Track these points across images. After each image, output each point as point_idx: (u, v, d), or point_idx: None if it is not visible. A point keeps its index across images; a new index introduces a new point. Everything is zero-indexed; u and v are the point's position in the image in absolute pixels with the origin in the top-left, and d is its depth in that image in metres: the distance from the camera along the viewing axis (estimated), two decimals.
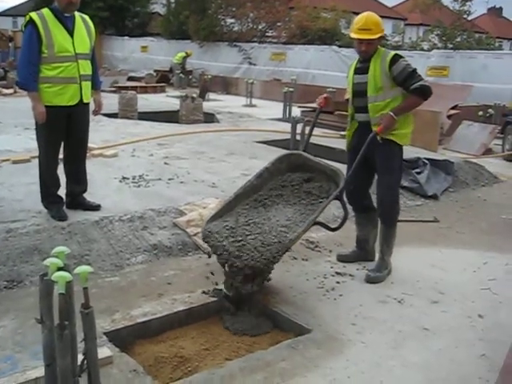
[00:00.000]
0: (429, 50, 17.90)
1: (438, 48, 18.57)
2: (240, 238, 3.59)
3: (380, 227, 4.37)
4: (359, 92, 4.18)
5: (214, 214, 3.94)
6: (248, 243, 3.55)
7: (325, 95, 4.41)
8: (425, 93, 4.02)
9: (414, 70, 4.04)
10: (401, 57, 4.08)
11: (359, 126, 4.29)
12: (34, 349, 2.97)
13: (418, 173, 6.95)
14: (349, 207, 4.76)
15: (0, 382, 2.73)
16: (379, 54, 4.11)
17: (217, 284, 3.97)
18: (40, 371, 2.49)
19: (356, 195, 4.48)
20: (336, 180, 4.01)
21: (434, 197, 6.69)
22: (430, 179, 6.91)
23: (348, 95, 4.35)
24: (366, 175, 4.38)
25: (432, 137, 9.14)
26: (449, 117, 10.87)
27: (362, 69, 4.18)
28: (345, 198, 4.15)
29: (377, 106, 4.10)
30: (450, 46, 19.35)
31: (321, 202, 3.92)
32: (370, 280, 4.23)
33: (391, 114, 4.01)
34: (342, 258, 4.61)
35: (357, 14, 4.31)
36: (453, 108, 11.20)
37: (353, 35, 4.11)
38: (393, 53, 4.13)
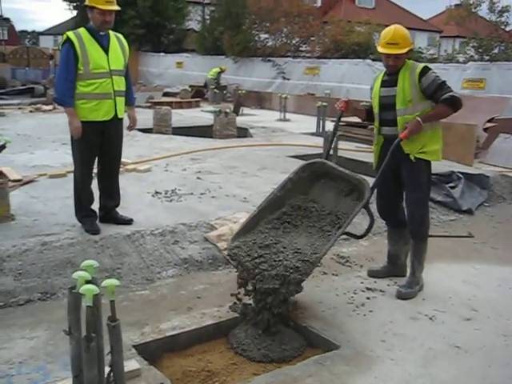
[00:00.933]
0: (465, 63, 17.65)
1: (475, 60, 18.31)
2: (255, 267, 3.58)
3: (410, 243, 4.32)
4: (387, 105, 4.15)
5: (238, 230, 3.93)
6: (259, 274, 3.54)
7: (345, 99, 4.35)
8: (455, 104, 3.98)
9: (444, 82, 4.03)
10: (430, 69, 4.06)
11: (386, 141, 4.24)
12: (65, 360, 3.01)
13: (452, 187, 6.86)
14: (382, 221, 4.76)
15: None
16: (407, 67, 4.09)
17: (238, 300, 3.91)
18: (70, 382, 2.53)
19: (388, 210, 4.46)
20: (361, 189, 3.94)
21: (469, 211, 6.58)
22: (465, 193, 6.80)
23: (374, 109, 4.31)
24: (397, 189, 4.34)
25: (467, 150, 8.99)
26: (485, 130, 10.67)
27: (389, 81, 4.16)
28: (376, 212, 4.11)
29: (406, 119, 4.06)
30: (487, 57, 19.03)
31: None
32: (401, 296, 4.18)
33: (418, 119, 3.96)
34: (373, 274, 4.57)
35: None
36: (489, 121, 10.99)
37: (380, 49, 4.09)
38: (422, 65, 4.11)
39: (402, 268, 4.53)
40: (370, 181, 4.15)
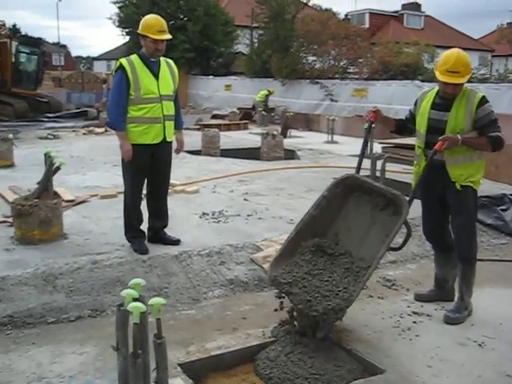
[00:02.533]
0: None
1: None
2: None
3: (458, 267, 4.24)
4: (436, 129, 4.04)
5: (277, 256, 3.91)
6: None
7: (373, 109, 4.21)
8: (497, 144, 3.92)
9: (496, 120, 3.95)
10: (487, 101, 3.97)
11: (433, 165, 4.09)
12: (112, 375, 3.08)
13: (504, 210, 6.68)
14: (429, 244, 4.69)
15: None
16: (464, 94, 3.98)
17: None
18: None
19: (435, 234, 4.41)
20: (397, 203, 3.81)
21: None
22: None
23: (419, 128, 4.20)
24: (443, 213, 4.28)
25: None
26: None
27: (442, 105, 4.04)
28: (422, 235, 4.05)
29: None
30: None
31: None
32: (448, 321, 4.10)
33: (459, 137, 3.86)
34: (420, 298, 4.50)
35: (441, 47, 4.15)
36: None
37: (439, 77, 3.92)
38: (481, 94, 3.99)
39: (449, 292, 4.44)
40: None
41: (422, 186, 4.11)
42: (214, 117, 20.68)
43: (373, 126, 4.35)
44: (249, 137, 15.48)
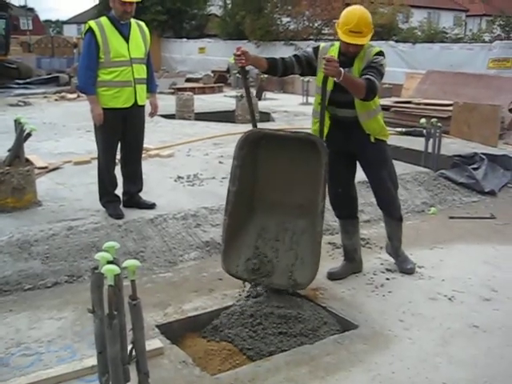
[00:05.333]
0: (491, 42, 17.32)
1: (501, 39, 17.94)
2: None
3: (387, 223, 4.34)
4: (341, 86, 3.65)
5: (223, 249, 3.77)
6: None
7: (239, 51, 3.73)
8: (371, 90, 3.65)
9: (380, 71, 3.78)
10: (383, 55, 3.88)
11: (339, 123, 3.97)
12: (91, 339, 3.09)
13: (475, 168, 6.81)
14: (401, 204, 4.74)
15: (60, 368, 2.92)
16: (364, 50, 3.86)
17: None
18: (95, 359, 2.64)
19: (344, 197, 4.23)
20: (312, 139, 3.66)
21: (492, 193, 6.54)
22: (488, 175, 6.76)
23: (317, 83, 3.86)
24: (350, 172, 4.23)
25: (491, 131, 8.88)
26: (510, 110, 10.52)
27: (345, 63, 3.78)
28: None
29: (365, 103, 3.82)
30: None
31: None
32: (413, 271, 4.31)
33: (343, 71, 3.51)
34: (333, 276, 4.20)
35: (416, 7, 3.97)
36: None
37: (342, 37, 3.76)
38: (378, 48, 3.91)
39: (359, 264, 4.37)
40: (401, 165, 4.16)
41: (330, 145, 3.78)
42: (188, 80, 20.38)
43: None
44: (223, 100, 15.35)
